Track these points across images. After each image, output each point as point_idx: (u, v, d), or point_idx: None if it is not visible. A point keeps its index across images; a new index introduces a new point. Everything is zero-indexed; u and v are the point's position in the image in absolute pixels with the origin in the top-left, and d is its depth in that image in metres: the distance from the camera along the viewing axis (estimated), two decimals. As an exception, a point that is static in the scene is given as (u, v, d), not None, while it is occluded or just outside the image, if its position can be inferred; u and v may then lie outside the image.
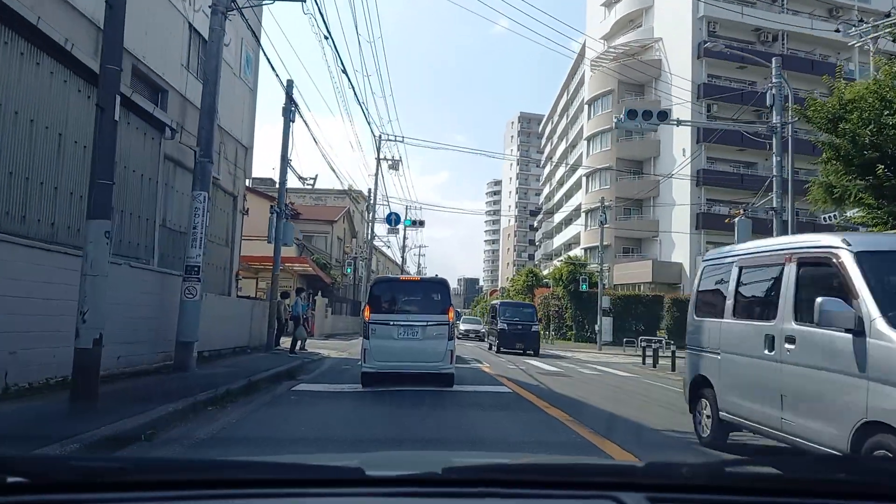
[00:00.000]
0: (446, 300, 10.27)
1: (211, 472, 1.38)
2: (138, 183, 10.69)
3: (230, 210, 18.33)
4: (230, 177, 17.91)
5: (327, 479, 1.37)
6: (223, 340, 14.52)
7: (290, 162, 17.05)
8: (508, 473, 1.49)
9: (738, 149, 41.24)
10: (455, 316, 10.42)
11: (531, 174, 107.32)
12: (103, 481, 1.23)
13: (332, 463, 1.60)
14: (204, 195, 10.90)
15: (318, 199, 50.76)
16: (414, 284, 11.79)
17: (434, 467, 1.39)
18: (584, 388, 11.18)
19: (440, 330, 9.85)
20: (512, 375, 12.78)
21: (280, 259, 17.00)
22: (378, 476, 1.37)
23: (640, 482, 1.35)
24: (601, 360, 21.56)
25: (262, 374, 10.21)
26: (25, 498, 1.17)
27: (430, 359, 9.72)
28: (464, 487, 1.33)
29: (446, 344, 9.80)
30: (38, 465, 1.45)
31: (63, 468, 1.37)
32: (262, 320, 16.92)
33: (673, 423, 7.40)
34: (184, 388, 7.87)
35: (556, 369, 15.26)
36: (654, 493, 1.28)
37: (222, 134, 17.11)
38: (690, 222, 40.04)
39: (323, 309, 27.78)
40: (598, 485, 1.35)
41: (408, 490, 1.32)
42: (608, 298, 30.61)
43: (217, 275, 17.32)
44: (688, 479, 1.36)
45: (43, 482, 1.21)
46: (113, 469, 1.34)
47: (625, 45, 46.45)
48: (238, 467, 1.45)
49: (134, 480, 1.25)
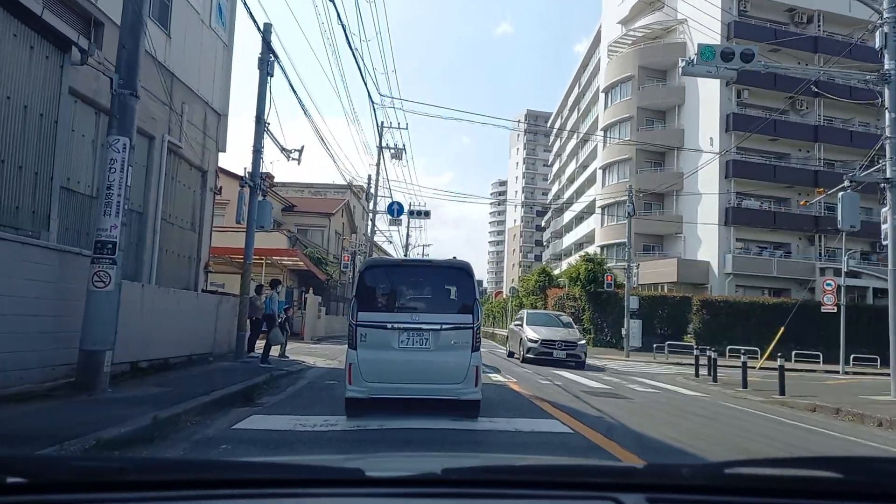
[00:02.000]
0: (470, 293, 7.06)
1: (211, 472, 1.37)
2: (24, 120, 7.44)
3: (198, 187, 15.11)
4: (198, 147, 14.70)
5: (327, 480, 1.35)
6: (175, 346, 11.26)
7: (267, 125, 13.78)
8: (508, 474, 1.50)
9: (771, 138, 37.92)
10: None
11: (538, 173, 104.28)
12: (103, 481, 1.22)
13: (333, 463, 1.60)
14: (124, 142, 7.64)
15: (318, 194, 47.61)
16: (423, 270, 7.85)
17: (434, 468, 1.41)
18: (668, 421, 7.86)
19: (460, 336, 6.73)
20: (553, 397, 9.49)
21: (253, 245, 13.71)
22: (378, 477, 1.35)
23: (640, 483, 1.32)
24: (638, 369, 18.25)
25: (201, 399, 6.95)
26: (25, 498, 1.16)
27: (446, 379, 6.68)
28: (464, 488, 1.31)
29: (469, 357, 6.68)
30: (37, 465, 1.43)
31: (63, 468, 1.36)
32: (232, 321, 13.67)
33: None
34: (37, 429, 4.61)
35: (603, 386, 11.97)
36: (653, 493, 1.27)
37: (186, 92, 13.95)
38: (719, 217, 36.69)
39: (315, 308, 24.49)
40: (598, 486, 1.33)
41: (408, 491, 1.30)
42: (637, 299, 27.19)
43: (179, 265, 14.11)
44: (688, 479, 1.33)
45: (42, 482, 1.19)
46: (113, 469, 1.32)
47: (645, 27, 43.14)
48: (238, 468, 1.46)
49: (134, 480, 1.23)
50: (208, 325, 12.81)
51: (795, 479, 1.40)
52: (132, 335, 9.44)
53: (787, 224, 37.79)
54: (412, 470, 1.47)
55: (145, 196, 12.62)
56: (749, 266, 36.45)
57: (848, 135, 38.80)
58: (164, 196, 13.32)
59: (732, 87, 37.84)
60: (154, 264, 12.63)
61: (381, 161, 34.40)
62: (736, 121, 37.04)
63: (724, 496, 1.31)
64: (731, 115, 37.33)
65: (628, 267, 26.67)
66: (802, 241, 38.81)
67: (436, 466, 1.40)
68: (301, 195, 44.78)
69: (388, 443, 5.58)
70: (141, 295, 9.80)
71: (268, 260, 24.43)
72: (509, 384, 11.22)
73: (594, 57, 54.17)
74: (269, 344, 12.06)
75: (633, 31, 43.97)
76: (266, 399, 8.20)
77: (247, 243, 13.51)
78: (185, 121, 13.85)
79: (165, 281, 13.28)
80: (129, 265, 11.97)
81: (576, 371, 15.36)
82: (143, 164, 12.64)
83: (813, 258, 37.98)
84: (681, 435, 6.65)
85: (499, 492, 1.29)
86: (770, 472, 1.44)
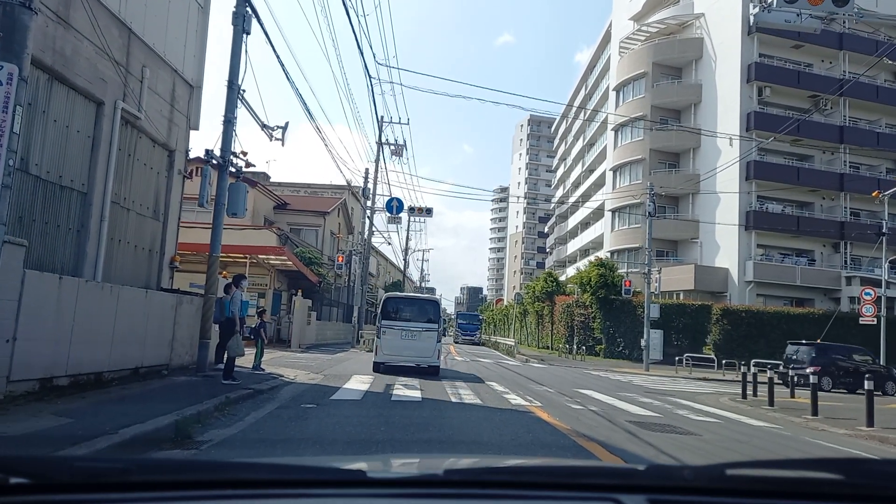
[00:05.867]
0: (436, 313, 14.84)
1: (213, 472, 1.35)
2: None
3: (163, 168, 12.89)
4: (163, 121, 12.48)
5: (329, 481, 1.33)
6: (114, 358, 8.95)
7: (242, 92, 11.50)
8: (510, 475, 1.50)
9: (794, 139, 35.59)
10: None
11: (541, 178, 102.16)
12: (106, 482, 1.21)
13: (334, 464, 1.59)
14: (10, 71, 5.37)
15: (315, 195, 45.29)
16: (414, 300, 16.11)
17: (436, 469, 1.47)
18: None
19: (431, 334, 13.93)
20: (600, 433, 7.14)
21: (220, 235, 11.37)
22: (380, 477, 1.36)
23: (641, 484, 1.31)
24: (669, 387, 15.93)
25: (99, 443, 4.64)
26: (28, 498, 1.15)
27: (423, 354, 13.84)
28: (465, 489, 1.29)
29: (435, 345, 13.94)
30: (40, 465, 1.35)
31: (66, 468, 1.31)
32: (194, 326, 11.36)
33: None
34: None
35: (649, 413, 9.64)
36: (655, 494, 1.25)
37: (148, 54, 11.80)
38: (739, 221, 34.40)
39: (304, 313, 22.14)
40: (599, 486, 1.31)
41: (409, 491, 1.28)
42: (658, 307, 24.83)
43: (136, 259, 11.88)
44: (689, 481, 1.31)
45: (45, 483, 1.18)
46: (115, 469, 1.28)
47: (660, 22, 41.01)
48: (240, 468, 1.42)
49: (136, 481, 1.22)
50: (163, 330, 10.50)
51: (796, 480, 1.38)
52: (42, 344, 7.15)
53: (811, 230, 35.49)
54: (414, 471, 1.58)
55: (91, 172, 10.39)
56: (771, 274, 34.15)
57: (875, 136, 36.60)
58: (117, 175, 11.09)
59: (753, 84, 35.68)
60: (100, 256, 10.37)
61: (380, 156, 32.19)
62: (757, 119, 34.84)
63: (726, 498, 1.29)
64: (752, 113, 35.12)
65: (648, 272, 24.32)
66: (826, 247, 36.53)
67: (437, 467, 1.50)
68: (297, 195, 42.47)
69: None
70: (58, 290, 7.51)
71: (252, 259, 22.13)
72: (534, 410, 8.91)
73: (602, 56, 52.06)
74: (230, 357, 9.67)
75: (647, 27, 41.85)
76: (210, 435, 5.89)
77: (213, 232, 11.19)
78: (145, 87, 11.61)
79: (117, 277, 11.01)
80: (65, 255, 9.71)
81: (604, 392, 13.02)
82: (89, 134, 10.43)
83: (838, 266, 35.70)
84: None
85: (500, 493, 1.28)
86: (771, 473, 1.43)
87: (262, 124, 13.14)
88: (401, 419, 7.43)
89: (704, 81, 38.31)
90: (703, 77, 38.58)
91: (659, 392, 14.03)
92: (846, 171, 36.48)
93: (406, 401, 9.14)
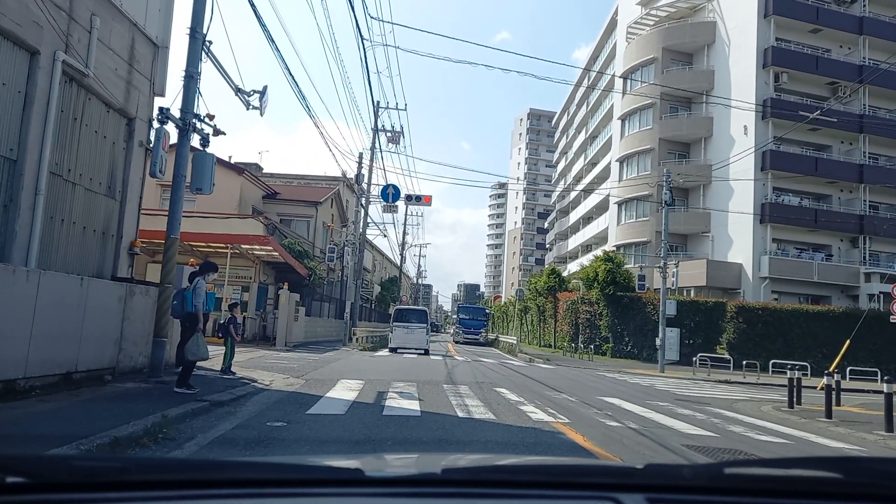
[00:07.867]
0: (425, 318, 24.76)
1: (211, 471, 1.32)
2: None
3: (120, 138, 11.10)
4: (119, 82, 10.67)
5: (327, 480, 1.31)
6: (40, 360, 7.12)
7: (208, 45, 9.63)
8: (508, 474, 1.47)
9: (811, 128, 33.80)
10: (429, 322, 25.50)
11: (540, 174, 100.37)
12: (104, 481, 1.17)
13: (332, 463, 1.56)
14: None
15: (308, 185, 43.37)
16: (412, 309, 26.81)
17: (434, 468, 1.44)
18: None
19: (423, 330, 23.72)
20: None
21: (179, 213, 9.47)
22: (378, 476, 1.33)
23: (640, 483, 1.28)
24: (696, 392, 14.15)
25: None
26: (26, 497, 1.10)
27: (419, 344, 23.47)
28: (464, 488, 1.27)
29: (426, 336, 23.77)
30: (38, 464, 1.31)
31: (64, 468, 1.26)
32: (148, 322, 9.52)
33: None
34: None
35: (700, 431, 7.82)
36: (654, 493, 1.23)
37: (99, 1, 9.97)
38: (754, 214, 32.62)
39: (291, 307, 20.29)
40: (598, 486, 1.29)
41: (407, 490, 1.26)
42: (675, 304, 23.02)
43: (84, 242, 10.07)
44: (688, 480, 1.29)
45: (43, 482, 1.14)
46: (114, 469, 1.25)
47: (670, 5, 39.14)
48: (238, 467, 1.40)
49: (135, 480, 1.18)
50: (106, 326, 8.65)
51: (796, 479, 1.36)
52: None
53: (829, 223, 33.69)
54: (412, 470, 1.56)
55: (21, 135, 8.61)
56: (787, 269, 32.38)
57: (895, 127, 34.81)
58: (59, 141, 9.30)
59: (770, 69, 33.86)
60: (34, 236, 8.56)
61: (376, 143, 30.31)
62: (774, 106, 33.03)
63: (725, 497, 1.27)
64: (768, 100, 33.30)
65: (664, 265, 22.54)
66: (844, 242, 34.76)
67: (435, 466, 1.46)
68: (289, 186, 40.56)
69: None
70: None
71: (235, 249, 20.27)
72: (563, 430, 7.09)
73: (607, 45, 50.21)
74: (186, 360, 7.78)
75: (657, 11, 39.99)
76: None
77: (171, 210, 9.31)
78: (94, 39, 9.78)
79: (59, 263, 9.19)
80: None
81: (633, 401, 11.23)
82: (20, 89, 8.64)
83: (857, 262, 33.96)
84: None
85: (499, 492, 1.26)
86: (771, 472, 1.38)
87: (235, 88, 11.30)
88: (394, 444, 5.65)
89: (717, 67, 36.50)
90: (715, 63, 36.76)
91: (691, 400, 12.25)
92: (865, 162, 34.72)
93: (401, 416, 7.34)
